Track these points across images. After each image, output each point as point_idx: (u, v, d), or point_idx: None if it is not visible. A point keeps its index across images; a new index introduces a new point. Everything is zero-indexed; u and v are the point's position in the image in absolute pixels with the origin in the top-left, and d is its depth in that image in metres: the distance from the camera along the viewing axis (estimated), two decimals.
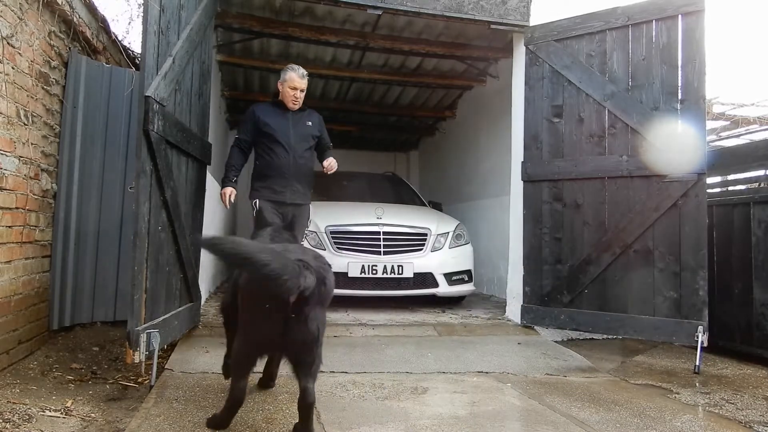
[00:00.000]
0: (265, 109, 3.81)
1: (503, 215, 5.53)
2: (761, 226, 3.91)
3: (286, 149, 3.72)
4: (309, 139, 3.85)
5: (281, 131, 3.72)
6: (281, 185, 3.72)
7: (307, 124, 3.84)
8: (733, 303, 4.08)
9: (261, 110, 3.79)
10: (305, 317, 2.04)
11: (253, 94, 7.90)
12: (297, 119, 3.82)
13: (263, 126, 3.72)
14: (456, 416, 2.53)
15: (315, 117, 3.93)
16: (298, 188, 3.78)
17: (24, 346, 3.20)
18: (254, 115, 3.75)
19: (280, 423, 2.34)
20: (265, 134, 3.72)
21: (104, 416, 2.52)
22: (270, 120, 3.74)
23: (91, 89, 3.79)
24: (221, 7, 4.63)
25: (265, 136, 3.73)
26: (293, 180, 3.75)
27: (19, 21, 2.95)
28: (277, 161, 3.71)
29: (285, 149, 3.72)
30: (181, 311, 3.44)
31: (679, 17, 3.78)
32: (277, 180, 3.71)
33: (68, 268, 3.69)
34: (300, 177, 3.78)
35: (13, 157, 2.98)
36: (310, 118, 3.89)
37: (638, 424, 2.54)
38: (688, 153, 3.69)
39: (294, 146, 3.75)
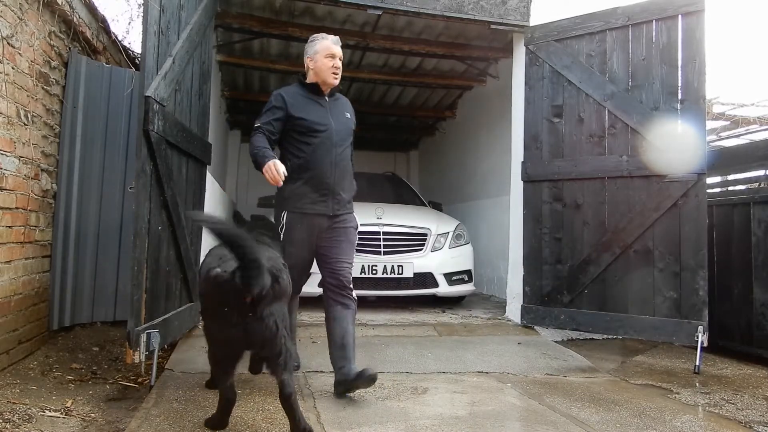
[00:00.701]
0: (296, 96, 2.97)
1: (503, 215, 5.53)
2: (761, 226, 3.91)
3: (327, 146, 2.88)
4: (349, 134, 3.06)
5: (321, 124, 2.90)
6: (322, 193, 2.87)
7: (346, 116, 3.04)
8: (733, 303, 4.08)
9: (291, 97, 2.95)
10: (261, 315, 2.16)
11: (253, 94, 7.91)
12: (336, 108, 3.01)
13: (296, 117, 2.88)
14: (456, 416, 2.53)
15: (350, 107, 3.15)
16: (342, 197, 2.93)
17: (24, 346, 3.20)
18: (284, 102, 2.91)
19: (280, 423, 2.34)
20: (298, 128, 2.89)
21: (104, 416, 2.52)
22: (305, 109, 2.91)
23: (91, 89, 3.79)
24: (221, 7, 4.64)
25: (298, 131, 2.89)
26: (336, 186, 2.90)
27: (19, 21, 2.95)
28: (315, 163, 2.87)
29: (326, 147, 2.88)
30: (181, 311, 3.44)
31: (679, 17, 3.78)
32: (317, 186, 2.86)
33: (68, 268, 3.69)
34: (344, 182, 2.96)
35: (13, 157, 2.98)
36: (346, 108, 3.11)
37: (638, 424, 2.54)
38: (688, 153, 3.69)
39: (336, 143, 2.92)
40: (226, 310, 2.18)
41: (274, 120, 2.90)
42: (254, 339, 2.20)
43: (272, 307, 2.21)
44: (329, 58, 2.93)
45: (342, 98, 3.12)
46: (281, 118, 2.90)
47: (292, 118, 2.88)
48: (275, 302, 2.22)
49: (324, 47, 2.94)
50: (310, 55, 2.99)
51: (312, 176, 2.85)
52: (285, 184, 2.75)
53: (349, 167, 3.03)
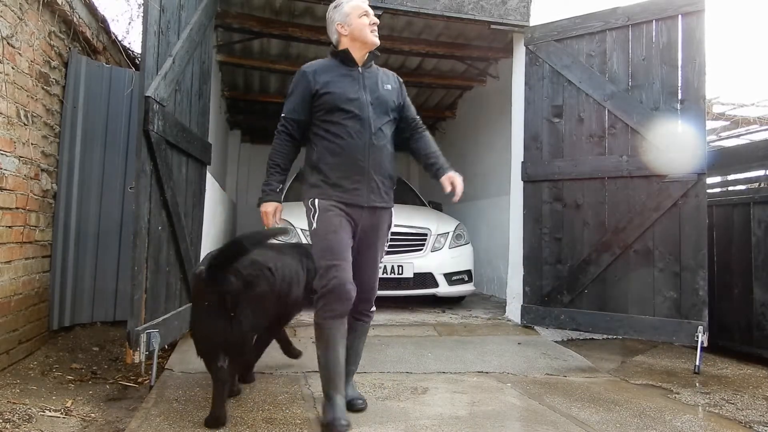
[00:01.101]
0: (322, 68, 2.54)
1: (503, 215, 5.53)
2: (761, 226, 3.91)
3: (360, 124, 2.46)
4: (389, 111, 2.57)
5: (350, 98, 2.47)
6: (354, 180, 2.45)
7: (385, 88, 2.58)
8: (733, 303, 4.08)
9: (316, 70, 2.53)
10: (235, 317, 2.33)
11: (253, 94, 7.91)
12: (370, 79, 2.56)
13: (323, 91, 2.47)
14: (456, 416, 2.53)
15: (393, 78, 2.66)
16: (377, 184, 2.49)
17: (24, 346, 3.20)
18: (307, 79, 2.50)
19: (279, 423, 2.34)
20: (326, 104, 2.48)
21: (104, 416, 2.52)
22: (332, 81, 2.48)
23: (91, 89, 3.79)
24: (221, 7, 4.64)
25: (326, 107, 2.48)
26: (372, 171, 2.47)
27: (19, 21, 2.95)
28: (347, 143, 2.45)
29: (359, 124, 2.46)
30: (181, 311, 3.44)
31: (679, 17, 3.78)
32: (348, 171, 2.45)
33: (68, 268, 3.69)
34: (381, 167, 2.50)
35: (13, 157, 2.98)
36: (388, 79, 2.63)
37: (638, 424, 2.54)
38: (688, 153, 3.69)
39: (371, 120, 2.47)
40: (198, 307, 2.41)
41: (299, 104, 2.52)
42: (217, 337, 2.33)
43: (240, 310, 2.32)
44: (364, 17, 2.52)
45: (380, 69, 2.65)
46: (306, 98, 2.50)
47: (317, 94, 2.47)
48: (245, 306, 2.34)
49: (354, 6, 2.53)
50: (339, 21, 2.54)
51: (343, 160, 2.43)
52: (311, 169, 2.49)
53: (388, 150, 2.54)
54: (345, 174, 2.44)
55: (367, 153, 2.46)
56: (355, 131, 2.45)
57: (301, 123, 2.54)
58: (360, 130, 2.46)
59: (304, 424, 2.35)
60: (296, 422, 2.36)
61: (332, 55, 2.59)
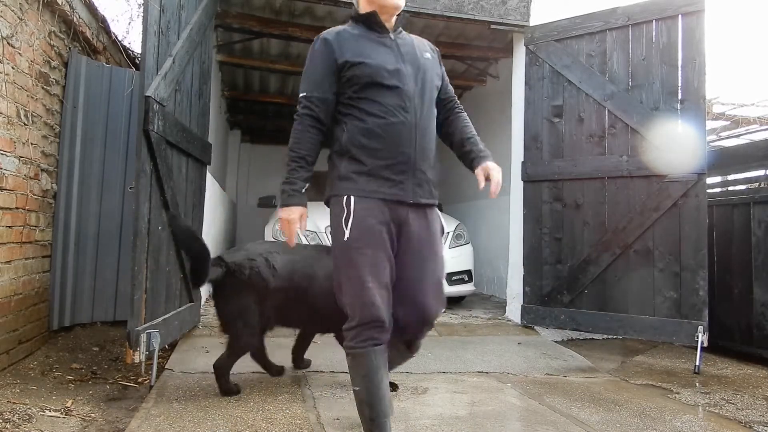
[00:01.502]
0: (347, 35, 2.08)
1: (503, 215, 5.53)
2: (761, 226, 3.91)
3: (403, 101, 2.00)
4: (433, 85, 2.13)
5: (390, 68, 2.01)
6: (399, 170, 1.99)
7: (425, 56, 2.13)
8: (733, 303, 4.08)
9: (340, 37, 2.06)
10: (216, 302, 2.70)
11: (253, 94, 7.91)
12: (406, 47, 2.10)
13: (354, 61, 2.00)
14: (456, 416, 2.53)
15: (428, 46, 2.22)
16: (424, 175, 2.05)
17: (24, 346, 3.20)
18: (331, 48, 2.02)
19: (279, 423, 2.34)
20: (358, 78, 2.00)
21: (104, 416, 2.52)
22: (364, 50, 2.02)
23: (91, 89, 3.79)
24: (221, 7, 4.64)
25: (358, 82, 2.00)
26: (418, 159, 2.02)
27: (19, 21, 2.95)
28: (388, 123, 1.98)
29: (402, 101, 2.00)
30: (181, 311, 3.44)
31: (679, 17, 3.78)
32: (391, 159, 1.98)
33: (68, 268, 3.69)
34: (427, 154, 2.06)
35: (13, 157, 2.98)
36: (424, 47, 2.18)
37: (638, 424, 2.54)
38: (688, 153, 3.69)
39: (416, 95, 2.03)
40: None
41: (323, 79, 2.02)
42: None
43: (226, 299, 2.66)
44: None
45: (412, 36, 2.21)
46: (331, 71, 2.01)
47: (345, 66, 2.00)
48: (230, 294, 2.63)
49: None
50: None
51: (383, 145, 1.95)
52: (340, 156, 2.01)
53: (434, 134, 2.11)
54: (387, 162, 1.93)
55: (413, 136, 1.98)
56: (397, 109, 1.98)
57: (327, 102, 2.02)
58: (403, 109, 1.99)
59: (304, 424, 2.35)
60: (296, 422, 2.36)
61: (354, 20, 2.12)
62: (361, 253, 1.91)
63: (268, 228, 5.42)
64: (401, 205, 1.99)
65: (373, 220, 1.94)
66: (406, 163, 1.99)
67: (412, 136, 2.00)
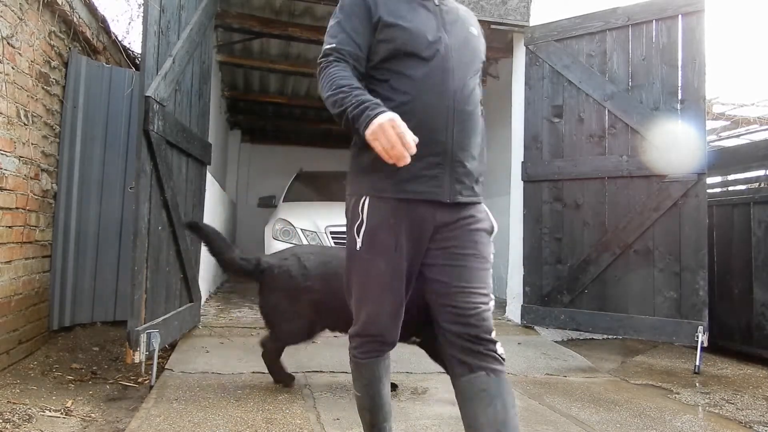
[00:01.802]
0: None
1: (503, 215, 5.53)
2: (761, 226, 3.91)
3: (441, 78, 1.63)
4: (478, 63, 1.77)
5: (429, 37, 1.65)
6: (431, 162, 1.63)
7: (470, 31, 1.77)
8: (733, 303, 4.09)
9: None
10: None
11: (253, 94, 7.92)
12: (451, 15, 1.75)
13: (389, 22, 1.63)
14: (456, 416, 2.52)
15: (474, 20, 1.85)
16: (467, 168, 1.67)
17: (24, 346, 3.20)
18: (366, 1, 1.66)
19: (279, 423, 2.34)
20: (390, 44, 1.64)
21: (104, 416, 2.52)
22: (401, 12, 1.66)
23: (91, 89, 3.79)
24: (221, 7, 4.64)
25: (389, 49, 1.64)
26: (457, 149, 1.65)
27: (19, 21, 2.95)
28: (419, 105, 1.62)
29: (439, 79, 1.63)
30: (181, 311, 3.44)
31: (679, 17, 3.78)
32: (423, 148, 1.53)
33: (68, 268, 3.69)
34: (469, 143, 1.68)
35: (13, 157, 2.98)
36: (471, 20, 1.82)
37: (638, 424, 2.54)
38: (688, 153, 3.69)
39: (457, 73, 1.65)
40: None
41: (355, 30, 1.64)
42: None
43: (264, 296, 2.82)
44: None
45: (458, 5, 1.83)
46: (365, 24, 1.64)
47: (379, 25, 1.63)
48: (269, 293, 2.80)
49: None
50: None
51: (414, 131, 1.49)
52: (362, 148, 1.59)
53: (477, 118, 1.71)
54: (417, 153, 1.49)
55: (451, 121, 1.62)
56: (432, 88, 1.61)
57: (360, 61, 1.64)
58: (440, 87, 1.62)
59: (304, 424, 2.35)
60: (296, 422, 2.36)
61: None
62: (372, 265, 1.65)
63: (268, 228, 5.42)
64: (436, 205, 1.63)
65: (387, 233, 1.62)
66: (441, 154, 1.62)
67: (449, 122, 1.62)
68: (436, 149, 1.62)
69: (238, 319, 4.45)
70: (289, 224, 5.14)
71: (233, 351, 3.46)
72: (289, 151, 10.37)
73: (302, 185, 6.46)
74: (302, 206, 5.63)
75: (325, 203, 5.35)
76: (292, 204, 5.86)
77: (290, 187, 6.47)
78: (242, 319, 4.41)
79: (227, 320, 4.34)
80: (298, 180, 6.63)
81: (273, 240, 5.11)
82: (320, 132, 10.28)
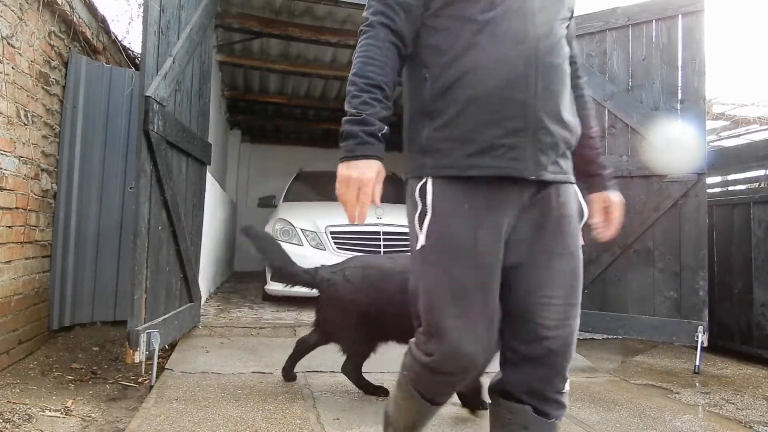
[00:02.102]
0: None
1: None
2: (761, 226, 3.91)
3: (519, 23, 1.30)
4: (564, 8, 1.41)
5: None
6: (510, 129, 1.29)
7: None
8: (733, 303, 4.08)
9: None
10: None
11: (253, 94, 7.92)
12: None
13: None
14: (456, 416, 2.53)
15: None
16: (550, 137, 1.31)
17: (24, 346, 3.20)
18: None
19: (279, 423, 2.34)
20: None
21: (104, 416, 2.52)
22: None
23: (91, 89, 3.79)
24: (221, 7, 4.64)
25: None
26: (542, 112, 1.30)
27: (19, 21, 2.95)
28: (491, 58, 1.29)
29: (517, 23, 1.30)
30: (181, 311, 3.44)
31: (679, 17, 3.78)
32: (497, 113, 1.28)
33: (68, 268, 3.69)
34: (557, 102, 1.33)
35: (13, 157, 2.98)
36: None
37: (638, 424, 2.54)
38: (688, 153, 3.69)
39: (536, 16, 1.31)
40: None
41: None
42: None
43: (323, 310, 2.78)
44: None
45: None
46: None
47: None
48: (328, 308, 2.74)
49: None
50: None
51: (484, 93, 1.27)
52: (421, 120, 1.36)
53: (565, 75, 1.37)
54: (493, 117, 1.26)
55: (533, 75, 1.28)
56: (508, 34, 1.28)
57: (411, 12, 1.34)
58: (519, 33, 1.29)
59: (304, 424, 2.35)
60: (296, 422, 2.36)
61: None
62: (442, 270, 1.29)
63: (268, 228, 5.42)
64: (517, 184, 1.30)
65: (461, 223, 1.28)
66: (521, 117, 1.27)
67: (531, 76, 1.27)
68: (514, 111, 1.27)
69: (238, 319, 4.45)
70: (289, 224, 5.15)
71: (233, 351, 3.46)
72: (289, 151, 10.38)
73: (302, 185, 6.47)
74: (302, 206, 5.64)
75: (325, 203, 5.35)
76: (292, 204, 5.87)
77: (290, 187, 6.48)
78: (242, 319, 4.42)
79: (227, 320, 4.34)
80: (298, 180, 6.63)
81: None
82: (320, 132, 10.28)
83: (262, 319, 4.49)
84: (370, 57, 1.31)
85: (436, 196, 1.30)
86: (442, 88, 1.31)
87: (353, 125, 1.28)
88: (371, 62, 1.31)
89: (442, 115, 1.31)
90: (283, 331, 4.04)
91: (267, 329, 4.09)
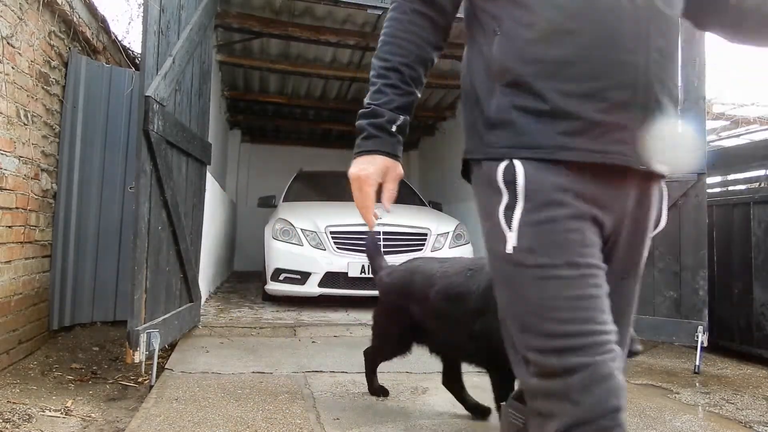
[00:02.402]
0: None
1: None
2: (761, 226, 3.91)
3: None
4: None
5: None
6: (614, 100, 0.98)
7: None
8: (733, 303, 4.08)
9: None
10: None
11: (253, 94, 7.92)
12: None
13: None
14: (456, 416, 2.53)
15: None
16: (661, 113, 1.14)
17: (24, 346, 3.21)
18: None
19: (279, 423, 2.34)
20: None
21: (104, 416, 2.52)
22: None
23: (91, 89, 3.79)
24: (221, 7, 4.64)
25: None
26: (653, 78, 1.02)
27: (19, 21, 2.95)
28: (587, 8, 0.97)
29: None
30: (181, 311, 3.44)
31: None
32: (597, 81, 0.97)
33: (68, 268, 3.69)
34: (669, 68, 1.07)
35: (13, 157, 2.98)
36: None
37: (638, 424, 2.54)
38: (687, 153, 3.69)
39: None
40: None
41: None
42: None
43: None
44: None
45: None
46: None
47: None
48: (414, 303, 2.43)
49: None
50: None
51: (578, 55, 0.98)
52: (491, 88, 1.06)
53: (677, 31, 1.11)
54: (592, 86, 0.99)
55: (644, 32, 1.01)
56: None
57: None
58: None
59: (304, 424, 2.35)
60: (296, 422, 2.36)
61: None
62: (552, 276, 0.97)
63: (268, 228, 5.42)
64: (623, 174, 1.05)
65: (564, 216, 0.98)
66: (631, 87, 1.00)
67: (641, 33, 0.99)
68: (623, 78, 0.98)
69: (238, 319, 4.45)
70: (289, 224, 5.15)
71: (233, 351, 3.46)
72: (289, 151, 10.38)
73: (302, 185, 6.47)
74: (302, 206, 5.64)
75: (325, 203, 5.36)
76: (291, 204, 5.87)
77: (290, 187, 6.48)
78: (242, 319, 4.42)
79: (227, 320, 4.34)
80: (297, 180, 6.63)
81: (273, 240, 5.11)
82: (320, 132, 10.29)
83: (262, 319, 4.50)
84: (390, 35, 1.16)
85: (530, 184, 0.98)
86: (519, 48, 1.01)
87: (362, 118, 1.16)
88: (390, 41, 1.15)
89: (521, 81, 1.00)
90: (283, 331, 4.04)
91: (267, 329, 4.09)
